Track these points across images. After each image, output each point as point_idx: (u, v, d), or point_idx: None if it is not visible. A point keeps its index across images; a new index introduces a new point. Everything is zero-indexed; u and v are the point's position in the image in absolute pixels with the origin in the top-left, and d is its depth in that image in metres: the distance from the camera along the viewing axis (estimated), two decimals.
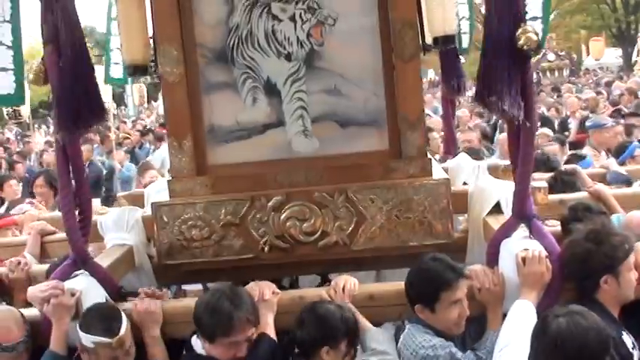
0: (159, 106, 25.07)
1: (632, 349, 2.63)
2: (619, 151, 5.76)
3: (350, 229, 3.20)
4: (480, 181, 3.47)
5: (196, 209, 3.24)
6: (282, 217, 3.21)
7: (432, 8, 3.22)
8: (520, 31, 2.65)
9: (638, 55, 27.11)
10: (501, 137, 7.53)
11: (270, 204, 3.20)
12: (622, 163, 5.38)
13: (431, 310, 2.72)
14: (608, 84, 17.93)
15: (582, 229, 2.85)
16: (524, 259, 2.72)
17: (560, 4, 31.50)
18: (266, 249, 3.23)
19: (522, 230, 2.93)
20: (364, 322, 2.81)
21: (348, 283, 2.91)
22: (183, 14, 3.27)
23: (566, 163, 5.36)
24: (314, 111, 3.33)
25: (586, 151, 6.39)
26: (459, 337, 2.80)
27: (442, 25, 3.24)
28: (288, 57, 3.31)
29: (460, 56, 4.50)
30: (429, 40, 3.41)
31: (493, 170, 3.99)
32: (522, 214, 2.88)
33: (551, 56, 24.96)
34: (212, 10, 3.31)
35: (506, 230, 2.92)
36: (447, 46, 3.34)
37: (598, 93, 14.44)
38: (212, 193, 3.29)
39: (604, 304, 2.73)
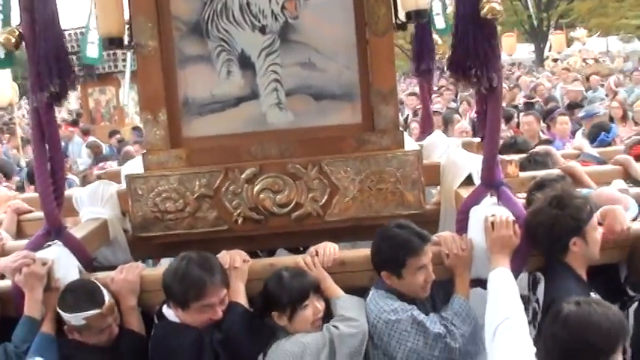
0: (69, 103, 24.77)
1: None
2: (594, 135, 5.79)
3: (323, 200, 3.23)
4: (452, 153, 3.50)
5: (170, 181, 3.25)
6: (256, 188, 3.23)
7: None
8: (484, 0, 2.67)
9: (549, 51, 27.38)
10: None
11: (243, 176, 3.22)
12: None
13: (397, 276, 2.75)
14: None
15: (543, 197, 2.88)
16: (492, 224, 2.75)
17: None
18: (240, 221, 3.25)
19: (491, 198, 2.96)
20: (335, 288, 2.83)
21: (327, 248, 2.92)
22: None
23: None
24: (288, 84, 3.35)
25: (578, 139, 6.35)
26: (430, 301, 2.83)
27: None
28: (263, 30, 3.33)
29: (435, 35, 4.56)
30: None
31: (467, 147, 4.04)
32: (491, 182, 2.91)
33: None
34: None
35: (475, 198, 2.95)
36: (419, 20, 3.38)
37: (515, 86, 14.92)
38: (186, 166, 3.30)
39: (572, 266, 2.78)
